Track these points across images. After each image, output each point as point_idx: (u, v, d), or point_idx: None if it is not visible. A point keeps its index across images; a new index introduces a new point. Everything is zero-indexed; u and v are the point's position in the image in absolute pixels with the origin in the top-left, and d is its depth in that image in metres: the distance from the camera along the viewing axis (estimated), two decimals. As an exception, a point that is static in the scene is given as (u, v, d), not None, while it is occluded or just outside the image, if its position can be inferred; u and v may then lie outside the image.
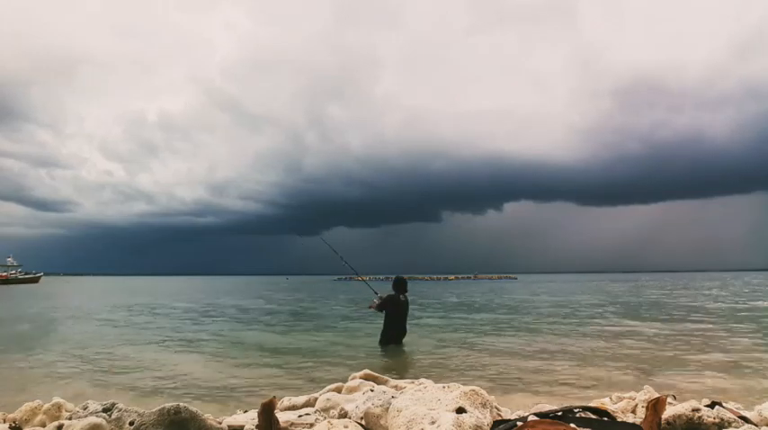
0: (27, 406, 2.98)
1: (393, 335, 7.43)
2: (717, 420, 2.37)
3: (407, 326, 7.69)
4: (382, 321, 7.50)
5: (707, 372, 5.48)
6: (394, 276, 7.71)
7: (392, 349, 7.26)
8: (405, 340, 7.60)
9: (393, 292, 7.42)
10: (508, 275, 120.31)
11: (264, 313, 15.75)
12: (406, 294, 7.53)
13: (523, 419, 2.40)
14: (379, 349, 7.31)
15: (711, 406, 2.56)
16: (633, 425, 2.40)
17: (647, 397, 2.96)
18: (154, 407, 2.52)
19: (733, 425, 2.36)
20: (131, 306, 19.35)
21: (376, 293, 7.48)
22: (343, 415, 2.73)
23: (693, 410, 2.42)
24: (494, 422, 2.34)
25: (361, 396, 2.89)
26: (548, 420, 2.34)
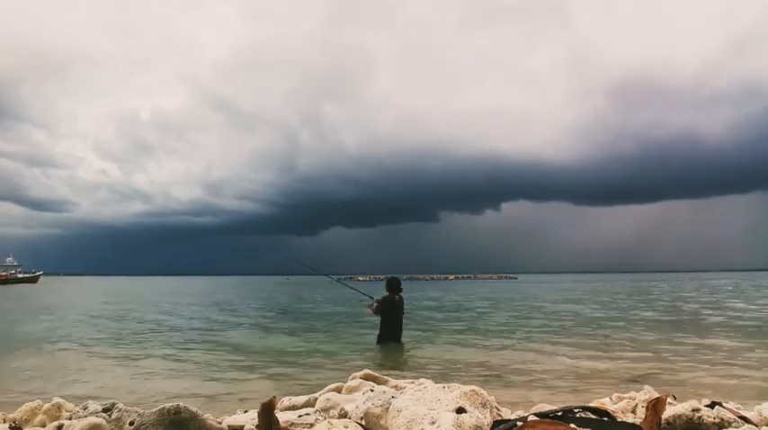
0: (27, 406, 2.98)
1: (391, 335, 7.45)
2: (717, 420, 2.37)
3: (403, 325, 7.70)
4: (378, 321, 7.49)
5: (707, 373, 5.48)
6: (386, 276, 7.76)
7: (391, 349, 7.26)
8: (404, 340, 7.60)
9: (388, 293, 7.42)
10: (508, 275, 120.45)
11: (263, 313, 15.74)
12: (401, 294, 7.55)
13: (523, 419, 2.40)
14: (378, 349, 7.32)
15: (711, 406, 2.56)
16: (633, 425, 2.40)
17: (647, 397, 2.96)
18: (154, 407, 2.52)
19: (733, 425, 2.36)
20: (130, 306, 19.34)
21: (371, 298, 7.43)
22: (343, 415, 2.73)
23: (693, 410, 2.42)
24: (494, 422, 2.34)
25: (361, 396, 2.89)
26: (548, 420, 2.34)
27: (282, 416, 2.72)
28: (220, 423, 2.69)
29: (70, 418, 2.65)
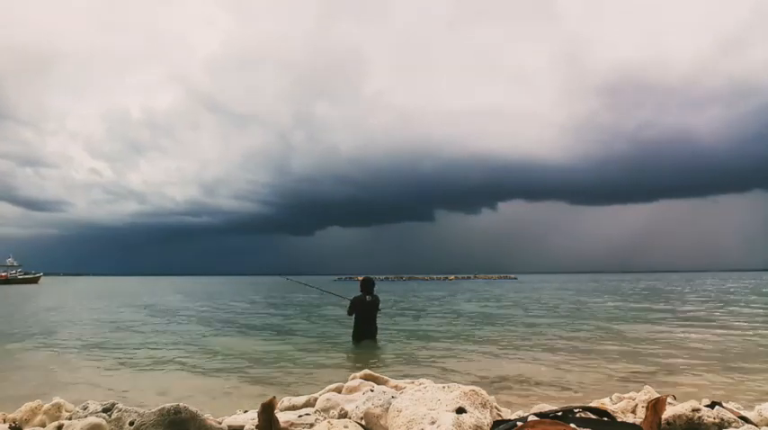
0: (27, 406, 2.98)
1: (364, 334, 7.67)
2: (717, 420, 2.37)
3: (378, 324, 7.94)
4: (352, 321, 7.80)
5: (707, 372, 5.48)
6: (361, 277, 8.04)
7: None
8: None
9: (360, 293, 7.66)
10: (507, 275, 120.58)
11: (262, 313, 15.74)
12: (375, 294, 7.76)
13: (523, 419, 2.40)
14: (354, 346, 7.56)
15: (711, 406, 2.56)
16: (633, 425, 2.40)
17: (647, 397, 2.96)
18: (154, 407, 2.51)
19: (733, 425, 2.36)
20: (130, 306, 19.34)
21: (344, 298, 7.89)
22: (343, 415, 2.72)
23: (693, 410, 2.42)
24: (494, 422, 2.34)
25: (361, 396, 2.88)
26: (548, 420, 2.34)
27: (282, 417, 2.72)
28: (220, 423, 2.69)
29: (70, 418, 2.65)
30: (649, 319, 11.95)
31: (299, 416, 2.79)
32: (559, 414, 2.52)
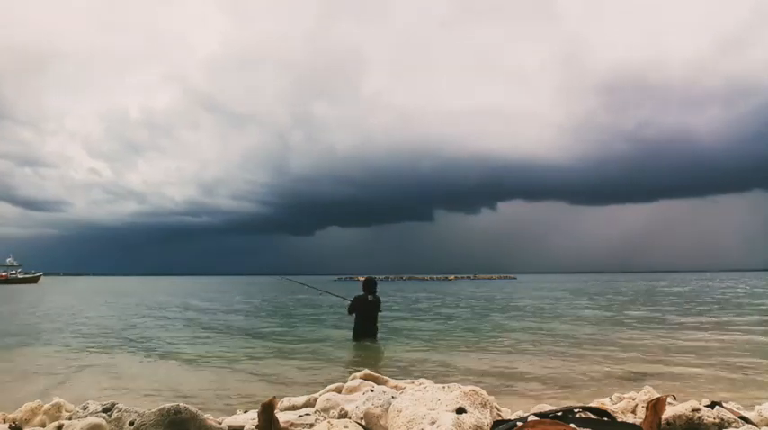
0: (27, 406, 2.98)
1: (365, 332, 7.74)
2: (717, 420, 2.37)
3: (378, 325, 8.01)
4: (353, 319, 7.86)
5: (706, 373, 5.48)
6: (363, 277, 8.13)
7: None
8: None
9: (362, 293, 7.74)
10: (507, 275, 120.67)
11: (261, 313, 15.74)
12: (376, 294, 7.83)
13: (523, 419, 2.40)
14: (354, 346, 7.62)
15: (711, 406, 2.56)
16: (633, 425, 2.40)
17: (647, 397, 2.96)
18: (154, 407, 2.51)
19: (733, 425, 2.36)
20: (129, 306, 19.34)
21: (345, 299, 7.95)
22: (343, 415, 2.72)
23: (693, 410, 2.42)
24: (494, 422, 2.34)
25: (361, 396, 2.88)
26: (548, 420, 2.34)
27: (282, 416, 2.72)
28: (220, 423, 2.69)
29: (70, 418, 2.65)
30: (649, 319, 11.95)
31: (299, 416, 2.79)
32: (559, 414, 2.52)
